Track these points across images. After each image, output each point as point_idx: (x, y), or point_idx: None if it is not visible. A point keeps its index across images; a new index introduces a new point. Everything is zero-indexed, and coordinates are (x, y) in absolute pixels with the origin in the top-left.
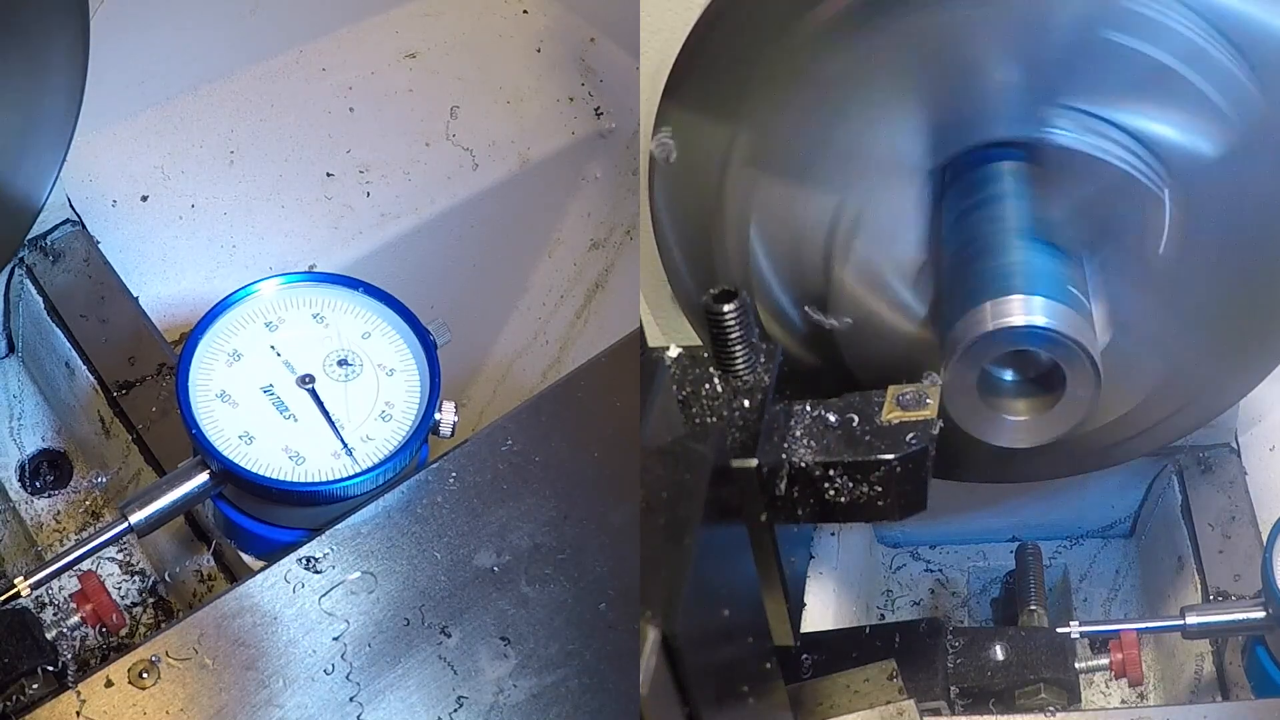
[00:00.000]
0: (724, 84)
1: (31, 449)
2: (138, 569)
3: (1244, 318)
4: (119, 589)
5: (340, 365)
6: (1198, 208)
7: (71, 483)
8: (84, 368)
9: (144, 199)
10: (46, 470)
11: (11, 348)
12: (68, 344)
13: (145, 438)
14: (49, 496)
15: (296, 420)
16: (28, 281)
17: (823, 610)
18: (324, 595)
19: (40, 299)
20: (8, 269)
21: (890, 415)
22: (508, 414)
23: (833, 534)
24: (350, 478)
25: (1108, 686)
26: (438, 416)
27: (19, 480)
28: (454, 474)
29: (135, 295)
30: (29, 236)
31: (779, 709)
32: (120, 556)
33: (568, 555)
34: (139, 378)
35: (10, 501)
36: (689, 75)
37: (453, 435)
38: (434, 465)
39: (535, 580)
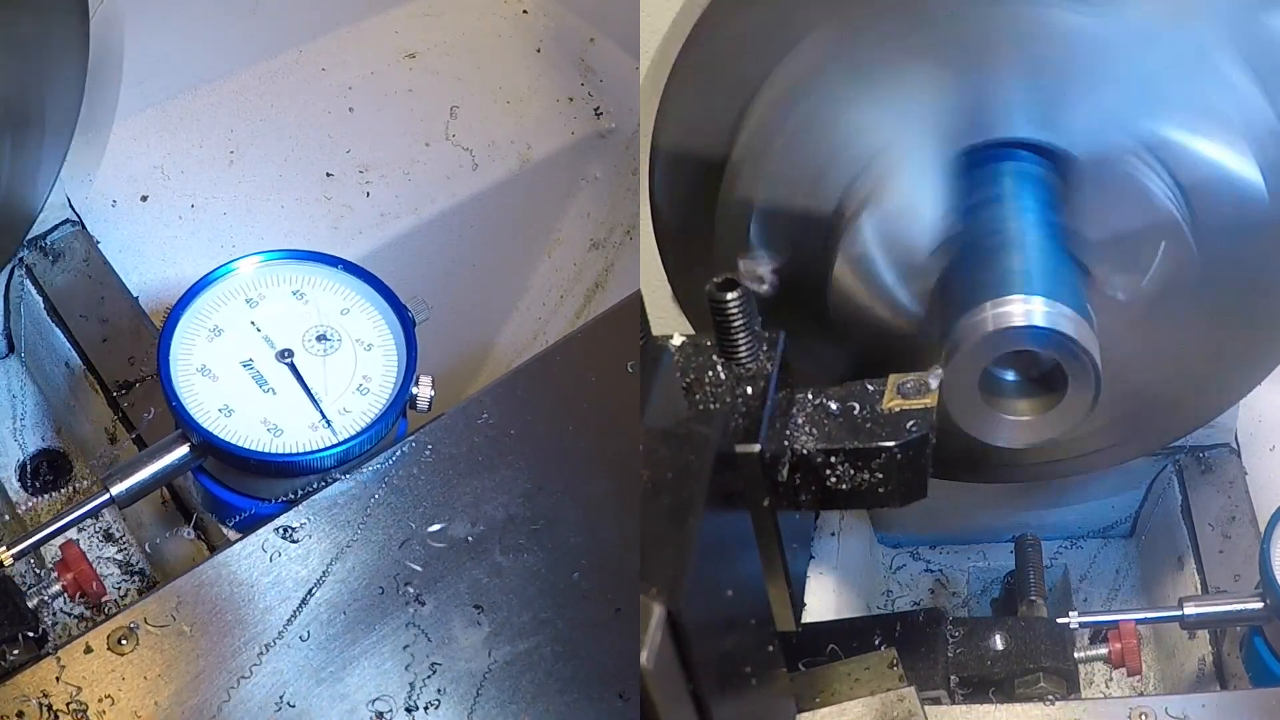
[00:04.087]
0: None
1: (32, 449)
2: (137, 569)
3: (1243, 321)
4: (119, 589)
5: (319, 340)
6: (1208, 247)
7: (72, 479)
8: (84, 368)
9: (144, 199)
10: (46, 470)
11: (11, 348)
12: (68, 344)
13: (145, 437)
14: (48, 496)
15: (275, 394)
16: (28, 281)
17: (823, 610)
18: (300, 563)
19: (40, 299)
20: (8, 269)
21: (891, 403)
22: (484, 388)
23: (833, 534)
24: (327, 448)
25: (1108, 686)
26: (415, 391)
27: (19, 480)
28: (430, 446)
29: (135, 295)
30: (29, 236)
31: (781, 695)
32: (120, 556)
33: (541, 526)
34: (139, 378)
35: (10, 501)
36: None
37: (430, 409)
38: (410, 438)
39: (509, 550)
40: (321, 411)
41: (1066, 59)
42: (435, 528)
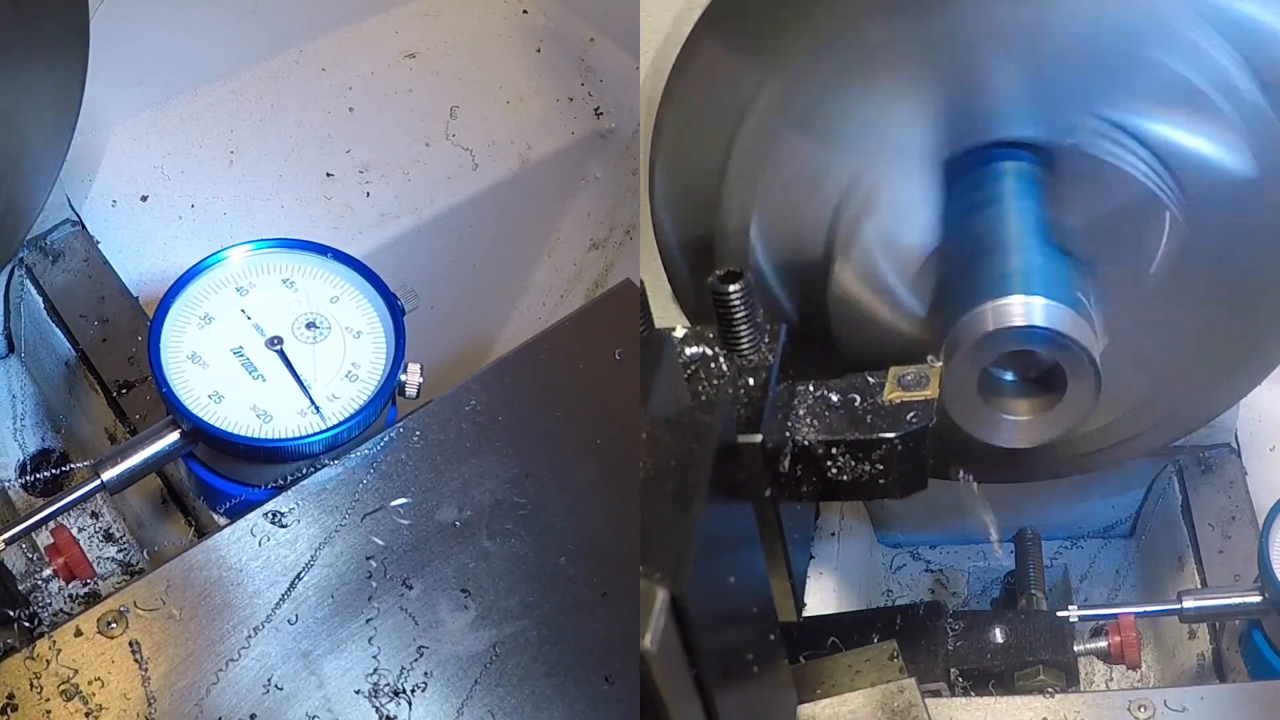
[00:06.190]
0: (766, 26)
1: (32, 449)
2: (137, 569)
3: (1243, 323)
4: (118, 589)
5: (308, 328)
6: (1203, 225)
7: (72, 478)
8: (84, 368)
9: (144, 199)
10: (46, 469)
11: (11, 348)
12: (68, 344)
13: (138, 426)
14: (48, 495)
15: (265, 380)
16: (28, 281)
17: (823, 610)
18: (289, 548)
19: (40, 299)
20: (8, 269)
21: (891, 395)
22: (473, 375)
23: (833, 534)
24: (316, 434)
25: (1108, 686)
26: (403, 378)
27: (19, 479)
28: (418, 432)
29: (135, 295)
30: (29, 236)
31: (783, 685)
32: (120, 556)
33: (529, 511)
34: (139, 378)
35: (10, 500)
36: (733, 10)
37: (418, 396)
38: (399, 424)
39: (496, 535)
40: (310, 398)
41: (1029, 53)
42: (399, 502)
